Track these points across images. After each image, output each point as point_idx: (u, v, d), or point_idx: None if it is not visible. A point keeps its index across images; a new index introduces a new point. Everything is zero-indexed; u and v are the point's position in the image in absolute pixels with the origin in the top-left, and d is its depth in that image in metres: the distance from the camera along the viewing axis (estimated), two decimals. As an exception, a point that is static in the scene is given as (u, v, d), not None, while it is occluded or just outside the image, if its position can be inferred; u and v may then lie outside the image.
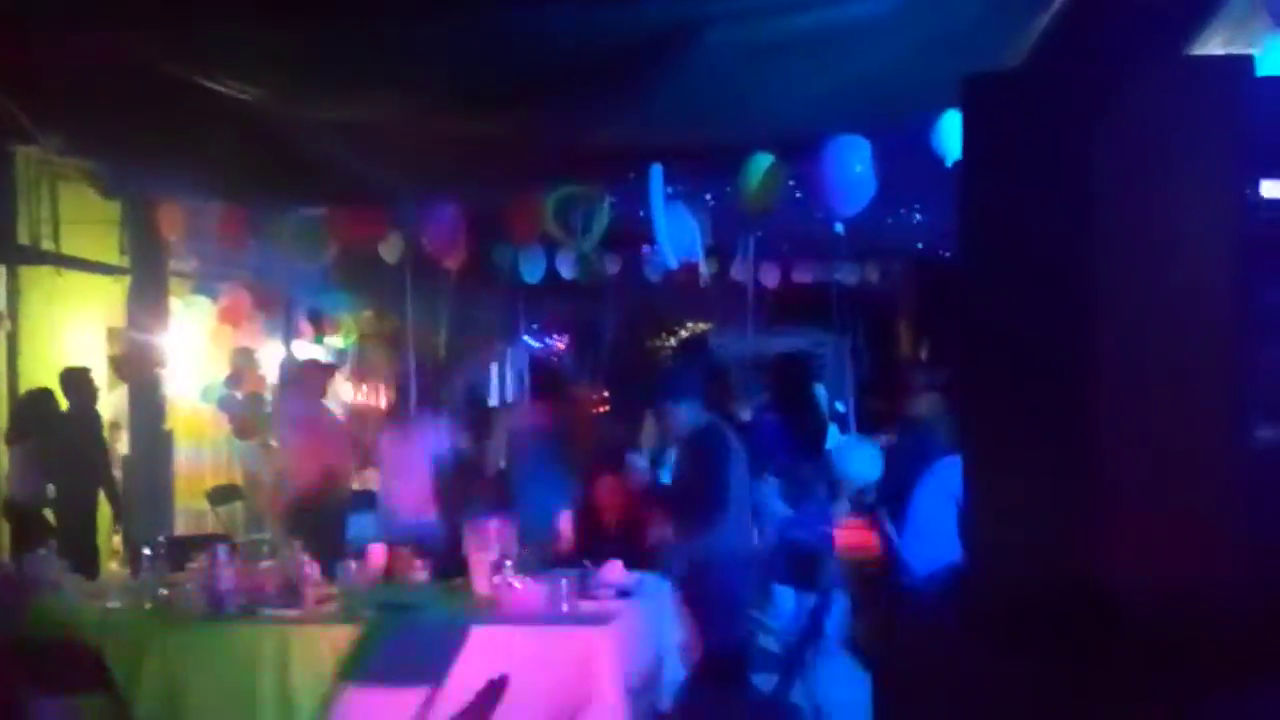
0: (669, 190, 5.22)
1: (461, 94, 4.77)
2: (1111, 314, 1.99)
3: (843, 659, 5.92)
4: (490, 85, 4.53)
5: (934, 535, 5.29)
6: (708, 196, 5.66)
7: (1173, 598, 1.87)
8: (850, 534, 6.35)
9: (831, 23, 3.85)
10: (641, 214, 5.55)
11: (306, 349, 9.78)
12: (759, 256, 8.15)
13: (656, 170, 5.05)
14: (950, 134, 4.69)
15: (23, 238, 7.82)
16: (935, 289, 9.94)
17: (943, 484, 6.07)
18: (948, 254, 8.44)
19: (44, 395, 7.12)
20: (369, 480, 7.50)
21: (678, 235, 5.33)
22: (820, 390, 7.38)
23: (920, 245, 9.06)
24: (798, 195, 5.64)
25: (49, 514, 6.90)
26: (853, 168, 4.94)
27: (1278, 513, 1.89)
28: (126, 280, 8.16)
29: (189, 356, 8.62)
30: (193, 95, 6.51)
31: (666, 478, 5.25)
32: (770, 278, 9.53)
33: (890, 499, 6.29)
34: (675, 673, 4.58)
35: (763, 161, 5.21)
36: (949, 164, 4.70)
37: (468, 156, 5.91)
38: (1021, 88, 2.18)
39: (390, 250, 7.90)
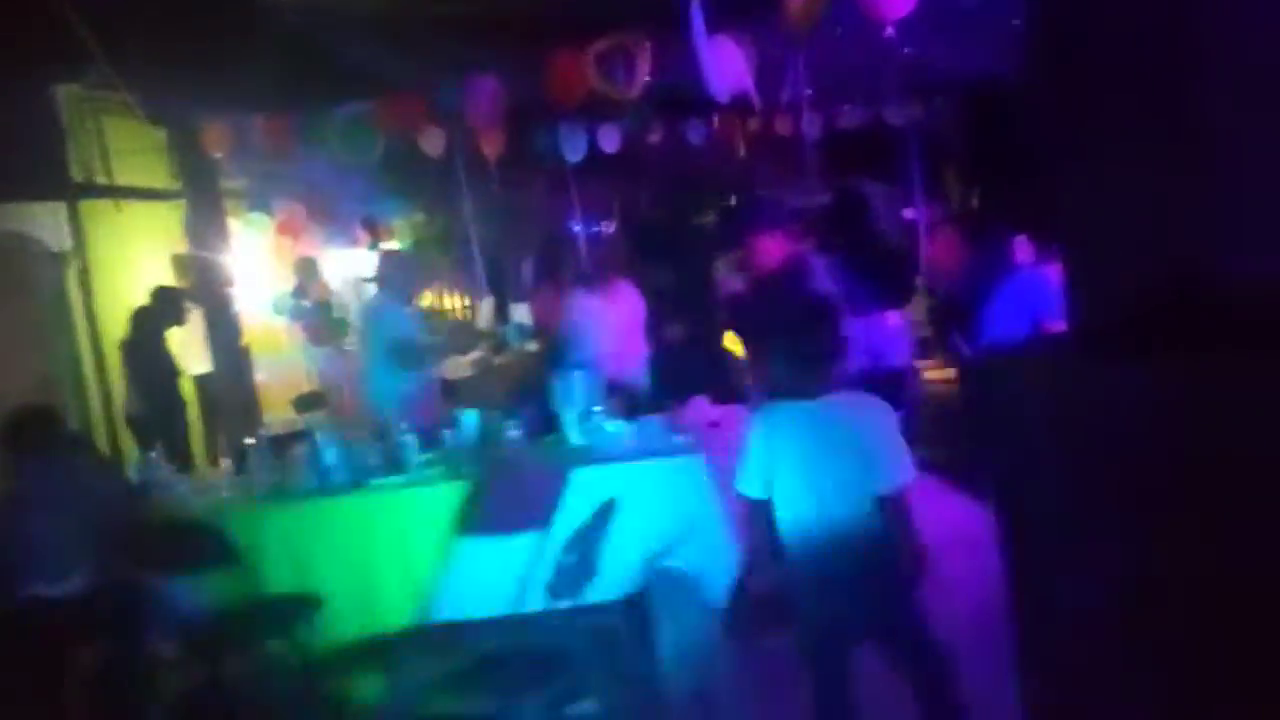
0: (711, 25, 5.12)
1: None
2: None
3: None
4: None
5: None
6: (749, 29, 5.56)
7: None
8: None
9: None
10: (684, 64, 5.48)
11: (364, 256, 9.91)
12: (803, 99, 7.98)
13: (695, 6, 4.96)
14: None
15: (77, 175, 7.94)
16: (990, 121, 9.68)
17: (1017, 301, 6.09)
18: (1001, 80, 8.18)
19: (142, 311, 7.35)
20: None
21: (724, 68, 5.25)
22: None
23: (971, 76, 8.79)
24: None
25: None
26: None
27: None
28: (182, 205, 8.28)
29: (255, 272, 8.77)
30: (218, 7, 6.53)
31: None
32: (814, 127, 9.36)
33: (961, 319, 6.33)
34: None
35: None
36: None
37: (497, 26, 5.87)
38: None
39: (432, 143, 7.91)
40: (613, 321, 5.92)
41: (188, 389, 7.83)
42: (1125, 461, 1.92)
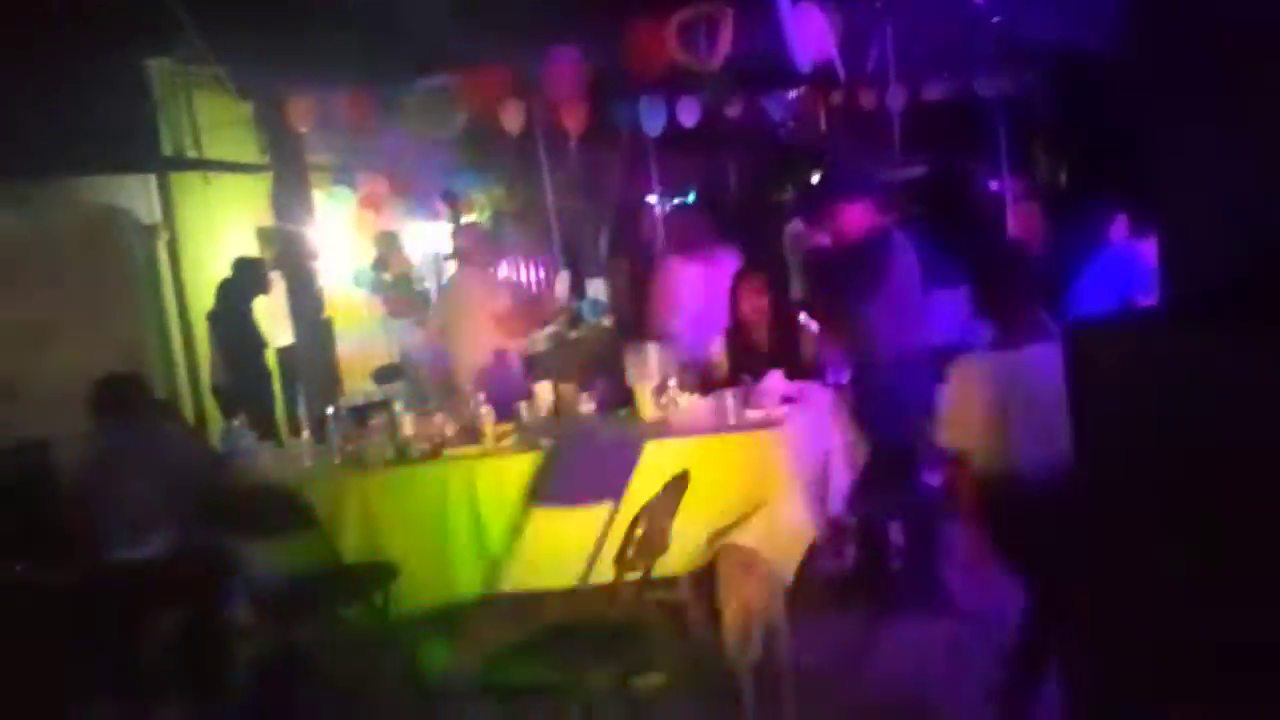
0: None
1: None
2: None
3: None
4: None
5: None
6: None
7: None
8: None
9: None
10: (767, 34, 5.37)
11: (444, 229, 9.99)
12: (888, 70, 7.81)
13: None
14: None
15: (167, 148, 8.12)
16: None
17: (1106, 276, 5.90)
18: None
19: (227, 283, 7.52)
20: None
21: (808, 37, 5.13)
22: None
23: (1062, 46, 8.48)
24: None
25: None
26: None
27: None
28: (269, 178, 8.42)
29: (338, 245, 8.90)
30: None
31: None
32: (899, 99, 9.11)
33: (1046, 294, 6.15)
34: (842, 475, 4.59)
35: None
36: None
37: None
38: None
39: (513, 116, 7.91)
40: (708, 289, 5.86)
41: (271, 360, 7.99)
42: (1216, 436, 1.85)
